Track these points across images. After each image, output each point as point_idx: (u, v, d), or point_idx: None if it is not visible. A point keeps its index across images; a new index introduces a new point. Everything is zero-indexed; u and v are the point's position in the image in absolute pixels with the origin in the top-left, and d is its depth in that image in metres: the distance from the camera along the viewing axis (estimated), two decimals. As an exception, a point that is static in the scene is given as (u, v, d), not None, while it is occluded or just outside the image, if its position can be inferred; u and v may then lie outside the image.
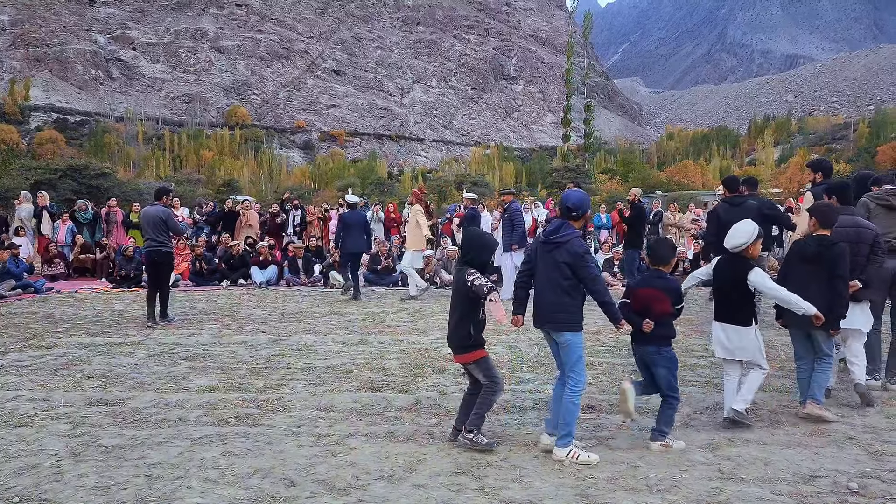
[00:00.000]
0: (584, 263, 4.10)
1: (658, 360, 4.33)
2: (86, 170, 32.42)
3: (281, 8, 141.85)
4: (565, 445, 4.06)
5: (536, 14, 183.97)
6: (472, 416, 4.20)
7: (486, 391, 4.22)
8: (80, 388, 5.63)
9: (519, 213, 11.65)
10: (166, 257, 9.39)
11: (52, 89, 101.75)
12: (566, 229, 4.22)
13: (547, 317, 4.22)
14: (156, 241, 9.19)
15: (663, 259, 4.52)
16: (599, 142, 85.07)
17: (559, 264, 4.13)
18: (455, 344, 4.28)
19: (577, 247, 4.11)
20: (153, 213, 9.28)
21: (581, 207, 4.32)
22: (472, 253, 4.29)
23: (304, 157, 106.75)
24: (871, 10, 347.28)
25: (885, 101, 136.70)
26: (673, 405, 4.33)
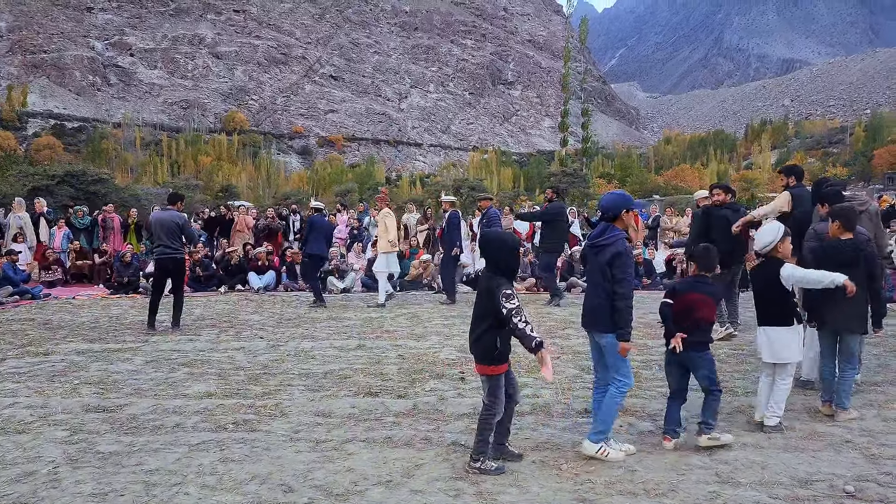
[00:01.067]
0: (618, 262, 4.09)
1: (699, 364, 4.41)
2: (83, 176, 32.35)
3: (279, 14, 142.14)
4: (597, 441, 4.11)
5: (533, 19, 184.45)
6: (475, 444, 3.98)
7: (485, 412, 4.02)
8: (78, 395, 5.63)
9: (497, 219, 11.53)
10: (180, 265, 9.14)
11: (50, 95, 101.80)
12: (610, 232, 4.22)
13: (592, 319, 4.24)
14: (170, 247, 8.82)
15: (709, 266, 4.59)
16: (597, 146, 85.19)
17: (603, 266, 4.15)
18: (478, 353, 4.08)
19: (617, 247, 4.12)
20: (168, 218, 8.89)
21: (610, 208, 4.31)
22: (497, 258, 4.08)
23: (302, 162, 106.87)
24: (866, 15, 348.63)
25: (881, 105, 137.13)
26: (717, 397, 4.40)
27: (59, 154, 64.54)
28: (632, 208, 4.31)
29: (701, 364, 4.40)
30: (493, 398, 4.02)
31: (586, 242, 4.42)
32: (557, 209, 11.65)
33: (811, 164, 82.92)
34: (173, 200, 9.38)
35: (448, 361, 6.85)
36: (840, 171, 78.11)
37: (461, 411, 5.11)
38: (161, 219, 8.90)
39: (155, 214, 9.28)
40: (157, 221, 8.94)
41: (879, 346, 7.60)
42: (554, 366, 6.54)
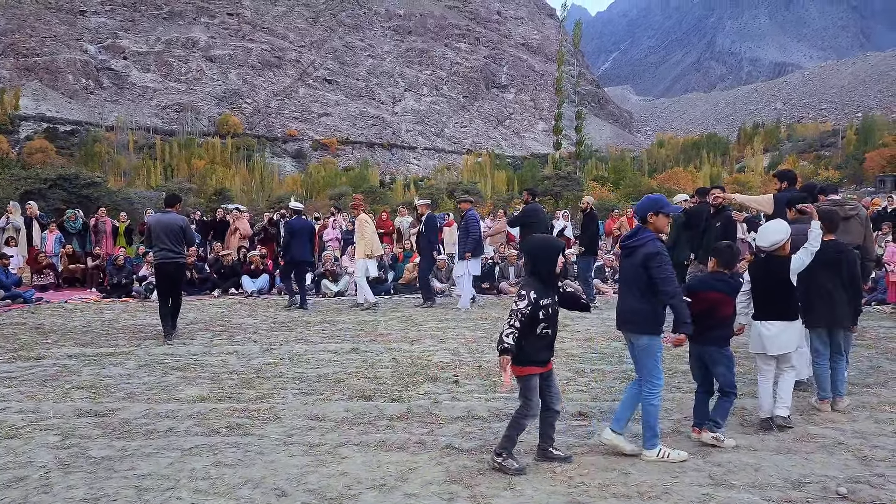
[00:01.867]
0: (656, 263, 4.14)
1: (719, 359, 4.49)
2: (76, 179, 32.25)
3: (272, 17, 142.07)
4: (653, 447, 4.17)
5: (527, 23, 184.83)
6: (502, 438, 4.06)
7: (519, 413, 4.07)
8: (70, 399, 5.60)
9: (475, 222, 11.47)
10: (182, 269, 8.90)
11: (43, 98, 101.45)
12: (642, 233, 4.30)
13: (626, 320, 4.30)
14: (172, 251, 8.53)
15: (729, 264, 4.66)
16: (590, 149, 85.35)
17: (637, 268, 4.21)
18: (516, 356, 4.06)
19: (649, 247, 4.18)
20: (169, 221, 8.60)
21: (638, 211, 4.48)
22: (535, 261, 4.15)
23: (296, 165, 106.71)
24: (857, 19, 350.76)
25: (873, 108, 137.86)
26: (731, 399, 4.49)
27: (51, 157, 64.23)
28: (662, 211, 4.38)
29: (719, 360, 4.49)
30: (525, 399, 4.06)
31: (621, 245, 4.49)
32: (533, 211, 11.71)
33: (803, 167, 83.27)
34: (173, 202, 9.08)
35: (442, 365, 6.84)
36: (832, 175, 78.38)
37: (455, 415, 5.11)
38: (163, 222, 8.61)
39: (155, 217, 9.00)
40: (158, 224, 8.63)
41: (871, 348, 7.64)
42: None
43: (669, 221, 4.47)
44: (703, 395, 4.60)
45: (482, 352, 7.51)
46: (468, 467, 4.04)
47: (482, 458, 4.17)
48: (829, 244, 5.22)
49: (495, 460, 4.00)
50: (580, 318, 10.14)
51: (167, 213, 8.83)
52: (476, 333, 8.74)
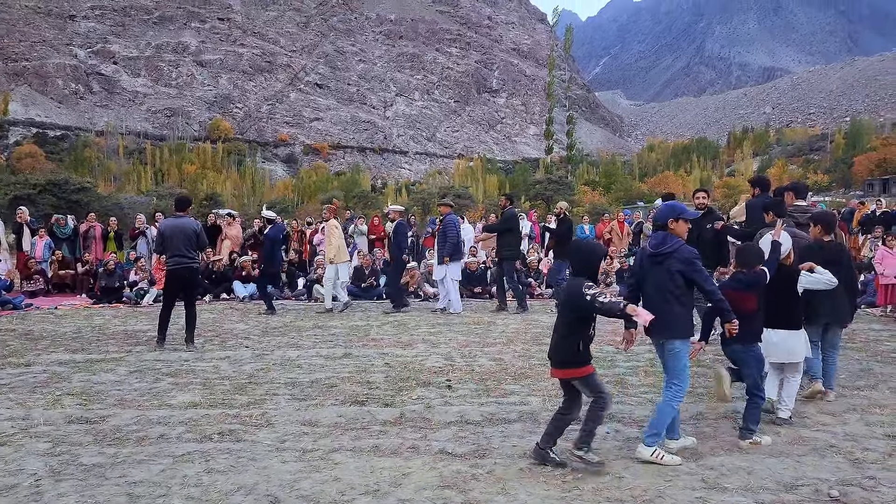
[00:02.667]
0: (695, 268, 4.25)
1: (746, 359, 4.60)
2: (66, 184, 32.14)
3: (263, 22, 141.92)
4: (651, 445, 4.20)
5: (518, 28, 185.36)
6: (582, 433, 4.11)
7: (595, 407, 4.13)
8: (60, 406, 5.56)
9: (452, 226, 11.52)
10: (195, 275, 8.60)
11: (32, 103, 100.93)
12: (670, 240, 4.35)
13: (658, 325, 4.27)
14: (186, 256, 8.22)
15: (748, 264, 4.75)
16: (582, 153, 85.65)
17: (672, 273, 4.26)
18: (560, 359, 4.17)
19: (686, 253, 4.27)
20: (183, 225, 8.30)
21: (658, 218, 4.66)
22: (582, 264, 4.25)
23: (288, 170, 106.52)
24: (845, 24, 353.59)
25: (861, 113, 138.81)
26: (759, 404, 4.58)
27: (41, 163, 63.82)
28: (681, 217, 4.45)
29: (748, 360, 4.59)
30: (598, 393, 4.13)
31: (647, 252, 4.52)
32: (513, 217, 11.85)
33: (792, 172, 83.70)
34: (184, 206, 8.68)
35: (435, 369, 6.83)
36: (821, 178, 78.91)
37: (448, 419, 5.10)
38: (177, 226, 8.28)
39: (168, 222, 8.59)
40: (172, 229, 8.28)
41: (862, 351, 7.69)
42: (540, 373, 6.58)
43: (689, 227, 4.59)
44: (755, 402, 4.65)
45: (475, 356, 7.51)
46: (462, 472, 4.03)
47: (476, 463, 4.17)
48: (829, 244, 5.50)
49: (575, 454, 4.07)
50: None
51: (179, 216, 8.49)
52: (469, 338, 8.74)
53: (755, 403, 4.56)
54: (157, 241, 8.58)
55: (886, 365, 6.94)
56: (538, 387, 6.07)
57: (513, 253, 11.67)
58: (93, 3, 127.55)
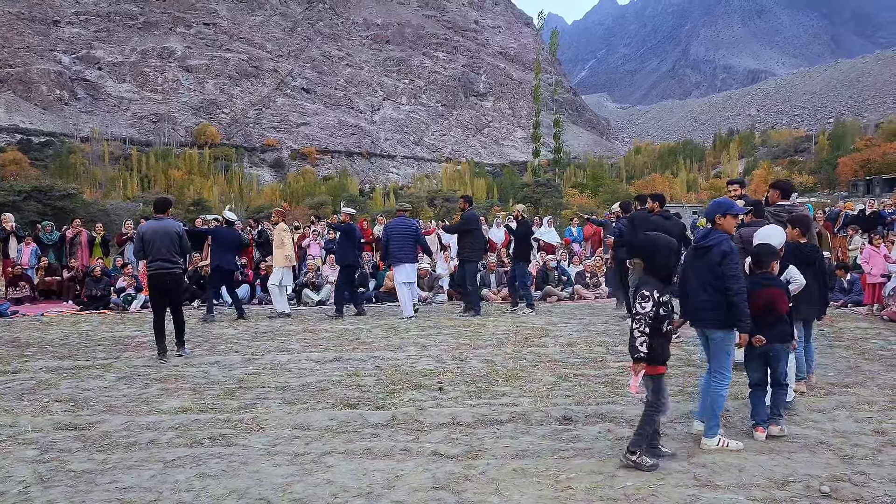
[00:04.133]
0: (728, 262, 4.41)
1: (782, 356, 4.77)
2: (51, 191, 31.94)
3: (249, 27, 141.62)
4: (714, 436, 4.40)
5: (504, 32, 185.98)
6: (634, 436, 4.15)
7: (650, 409, 4.19)
8: (48, 413, 5.50)
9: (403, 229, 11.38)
10: (179, 280, 8.26)
11: (16, 110, 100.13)
12: (714, 234, 4.56)
13: (700, 315, 4.51)
14: (169, 261, 7.87)
15: (763, 263, 4.87)
16: (569, 156, 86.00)
17: (713, 265, 4.44)
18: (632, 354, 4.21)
19: (723, 247, 4.45)
20: (164, 227, 7.94)
21: (706, 213, 4.81)
22: (652, 260, 4.27)
23: (275, 175, 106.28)
24: (828, 27, 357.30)
25: (844, 114, 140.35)
26: (786, 391, 4.84)
27: (25, 169, 63.36)
28: (729, 212, 4.64)
29: (783, 356, 4.77)
30: (657, 396, 4.21)
31: (693, 245, 4.71)
32: (473, 218, 11.82)
33: (777, 173, 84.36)
34: (164, 207, 8.31)
35: (426, 372, 6.83)
36: (806, 179, 79.63)
37: (440, 421, 5.10)
38: (157, 229, 7.90)
39: (148, 225, 8.16)
40: (153, 232, 7.88)
41: (849, 349, 7.75)
42: (531, 374, 6.59)
43: (737, 222, 4.82)
44: (758, 394, 4.79)
45: (466, 358, 7.50)
46: (455, 473, 4.02)
47: (469, 464, 4.17)
48: (805, 246, 5.72)
49: (629, 458, 4.07)
50: (563, 324, 10.19)
51: (160, 219, 8.11)
52: (459, 340, 8.73)
53: (783, 391, 4.79)
54: (136, 245, 8.14)
55: (873, 362, 7.00)
56: (529, 388, 6.08)
57: (471, 255, 11.60)
58: (77, 8, 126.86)
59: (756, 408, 4.74)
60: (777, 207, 6.63)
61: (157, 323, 7.93)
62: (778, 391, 4.78)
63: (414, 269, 11.44)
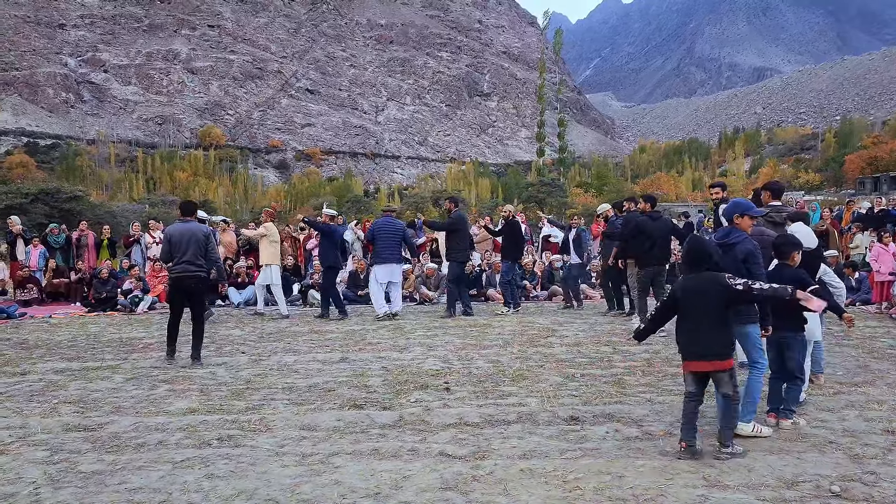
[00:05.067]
0: (753, 260, 4.67)
1: (793, 344, 4.87)
2: (58, 193, 32.06)
3: (254, 28, 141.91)
4: (749, 421, 4.61)
5: (508, 31, 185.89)
6: (725, 431, 4.29)
7: (732, 402, 4.32)
8: (57, 414, 5.52)
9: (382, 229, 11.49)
10: (203, 284, 7.93)
11: (22, 113, 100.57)
12: (735, 233, 4.80)
13: None
14: (193, 264, 7.64)
15: (785, 254, 5.01)
16: (573, 156, 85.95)
17: (738, 262, 4.65)
18: (714, 351, 4.32)
19: (748, 245, 4.71)
20: (191, 230, 7.73)
21: (724, 213, 5.08)
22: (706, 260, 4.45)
23: (280, 176, 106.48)
24: (834, 24, 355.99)
25: (851, 112, 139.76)
26: (799, 386, 4.94)
27: (32, 172, 63.62)
28: (746, 213, 4.86)
29: (795, 345, 4.87)
30: (736, 388, 4.36)
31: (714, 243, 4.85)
32: (461, 219, 11.87)
33: (784, 171, 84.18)
34: (191, 210, 8.12)
35: (432, 372, 6.83)
36: (812, 177, 79.38)
37: (447, 422, 5.10)
38: (184, 231, 7.69)
39: (175, 227, 7.97)
40: (181, 234, 7.67)
41: (858, 348, 7.72)
42: (537, 374, 6.58)
43: (753, 223, 4.97)
44: (778, 382, 4.91)
45: (472, 359, 7.51)
46: (462, 473, 4.02)
47: (476, 465, 4.16)
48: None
49: (726, 452, 4.21)
50: (569, 324, 10.18)
51: (187, 221, 7.91)
52: (465, 341, 8.73)
53: (797, 385, 4.88)
54: (164, 247, 7.88)
55: (883, 361, 6.98)
56: (536, 388, 6.07)
57: (459, 256, 11.59)
58: (82, 11, 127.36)
59: (773, 395, 4.90)
60: (770, 208, 6.72)
61: (172, 325, 7.73)
62: (791, 385, 4.87)
63: (399, 269, 11.48)
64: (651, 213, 9.67)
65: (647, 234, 9.26)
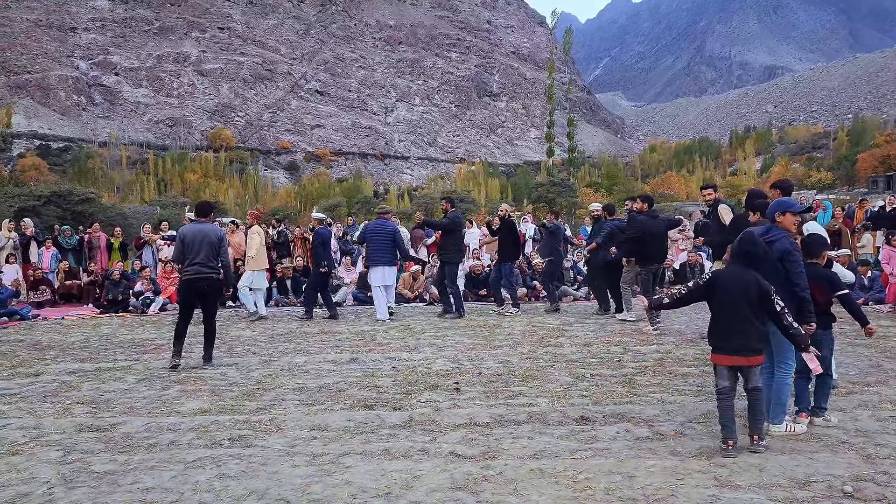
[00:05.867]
0: (792, 258, 4.67)
1: (824, 342, 4.85)
2: (70, 195, 32.26)
3: (263, 30, 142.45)
4: (780, 422, 4.65)
5: (517, 31, 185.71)
6: (757, 424, 4.37)
7: (760, 396, 4.41)
8: (70, 415, 5.57)
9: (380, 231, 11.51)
10: (217, 286, 7.79)
11: (35, 116, 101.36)
12: (775, 231, 4.81)
13: None
14: (207, 266, 7.55)
15: (815, 254, 5.05)
16: (583, 156, 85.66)
17: (774, 260, 4.65)
18: (751, 346, 4.36)
19: (785, 244, 4.71)
20: (205, 231, 7.63)
21: (767, 212, 5.11)
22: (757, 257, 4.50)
23: (289, 177, 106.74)
24: (845, 21, 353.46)
25: (863, 110, 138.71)
26: (829, 383, 4.95)
27: (44, 174, 64.07)
28: (788, 211, 4.89)
29: (823, 343, 4.84)
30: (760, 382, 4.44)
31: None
32: (456, 219, 11.87)
33: (795, 170, 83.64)
34: (206, 211, 8.03)
35: (442, 372, 6.83)
36: (824, 176, 78.84)
37: (457, 422, 5.10)
38: (197, 233, 7.59)
39: (189, 227, 7.91)
40: (194, 235, 7.58)
41: (871, 347, 7.67)
42: (547, 374, 6.57)
43: (796, 221, 5.07)
44: (804, 381, 4.92)
45: (482, 359, 7.51)
46: (473, 474, 4.02)
47: (487, 465, 4.17)
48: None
49: (761, 444, 4.30)
50: (579, 324, 10.17)
51: (201, 222, 7.85)
52: (475, 341, 8.73)
53: (826, 383, 4.88)
54: (177, 248, 7.81)
55: (895, 360, 6.92)
56: (546, 388, 6.07)
57: (453, 256, 11.62)
58: (93, 14, 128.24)
59: (800, 395, 4.90)
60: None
61: (181, 326, 7.65)
62: (821, 383, 4.87)
63: (392, 273, 11.47)
64: (649, 212, 10.03)
65: (651, 233, 9.62)
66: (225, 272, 7.80)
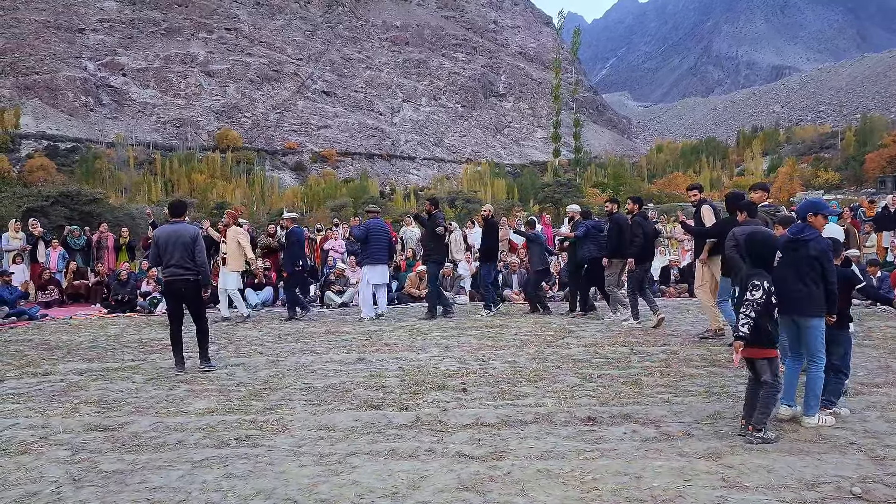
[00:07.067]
0: (828, 258, 4.82)
1: (839, 339, 5.07)
2: (77, 196, 32.37)
3: (270, 31, 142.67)
4: (814, 415, 4.80)
5: (524, 31, 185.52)
6: (759, 415, 4.50)
7: (772, 390, 4.58)
8: (78, 414, 5.59)
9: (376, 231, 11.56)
10: (196, 287, 7.50)
11: (43, 116, 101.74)
12: (808, 230, 4.91)
13: (795, 304, 4.82)
14: (182, 267, 7.36)
15: (836, 254, 5.16)
16: (589, 156, 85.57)
17: (810, 259, 4.80)
18: (755, 338, 4.56)
19: (821, 244, 4.86)
20: (178, 232, 7.44)
21: (798, 211, 5.25)
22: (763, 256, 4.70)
23: (296, 178, 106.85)
24: (853, 21, 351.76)
25: (871, 110, 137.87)
26: (843, 380, 5.13)
27: (52, 175, 64.25)
28: (820, 212, 5.01)
29: (839, 340, 5.07)
30: (776, 377, 4.64)
31: (787, 238, 5.03)
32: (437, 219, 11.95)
33: (803, 170, 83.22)
34: (180, 211, 7.79)
35: (449, 373, 6.83)
36: (832, 176, 78.43)
37: (464, 422, 5.10)
38: (171, 234, 7.42)
39: (162, 229, 7.69)
40: (167, 236, 7.42)
41: (879, 348, 7.63)
42: (554, 375, 6.56)
43: (826, 222, 5.18)
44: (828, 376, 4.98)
45: (488, 359, 7.50)
46: (480, 474, 4.02)
47: (493, 465, 4.17)
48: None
49: (757, 436, 4.44)
50: (585, 324, 10.15)
51: (175, 223, 7.62)
52: (482, 341, 8.73)
53: (839, 379, 5.04)
54: (152, 250, 7.65)
55: (904, 361, 6.89)
56: (553, 388, 6.06)
57: (439, 256, 11.88)
58: (101, 16, 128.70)
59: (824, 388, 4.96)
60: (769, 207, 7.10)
61: (174, 333, 7.50)
62: (835, 379, 5.00)
63: (385, 271, 11.57)
64: (640, 212, 10.27)
65: (645, 234, 9.92)
66: (202, 273, 7.57)
